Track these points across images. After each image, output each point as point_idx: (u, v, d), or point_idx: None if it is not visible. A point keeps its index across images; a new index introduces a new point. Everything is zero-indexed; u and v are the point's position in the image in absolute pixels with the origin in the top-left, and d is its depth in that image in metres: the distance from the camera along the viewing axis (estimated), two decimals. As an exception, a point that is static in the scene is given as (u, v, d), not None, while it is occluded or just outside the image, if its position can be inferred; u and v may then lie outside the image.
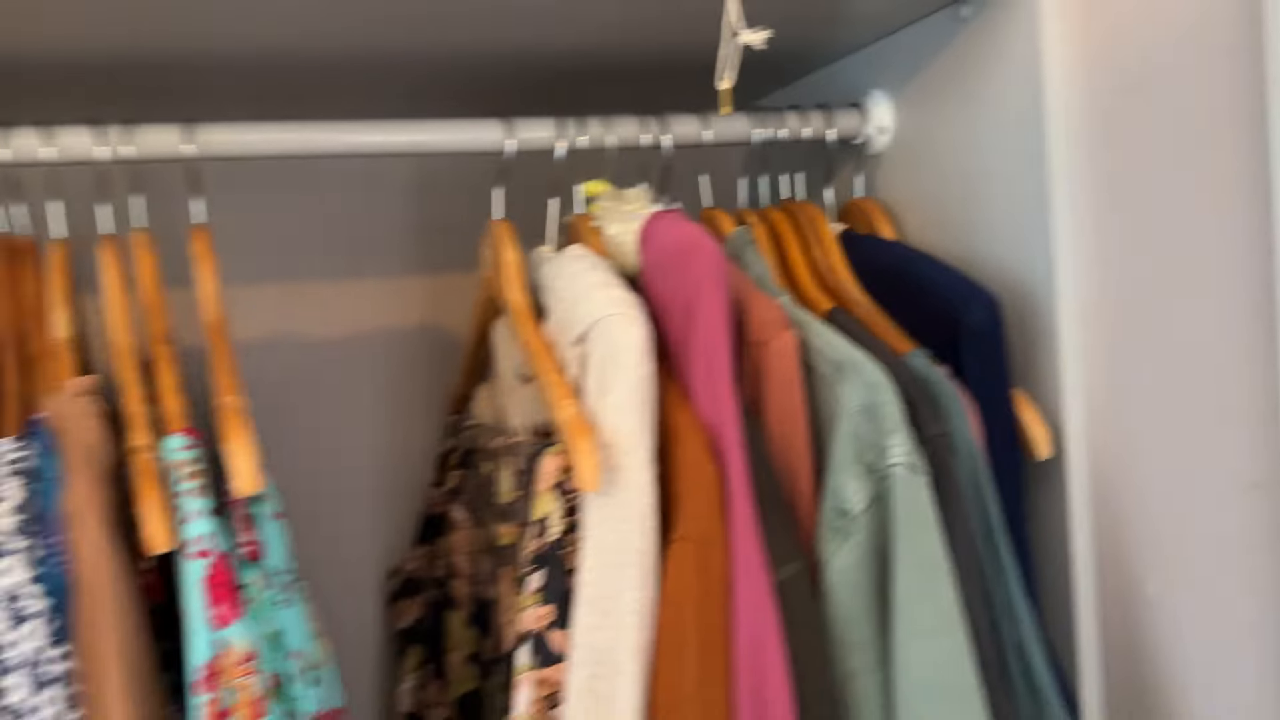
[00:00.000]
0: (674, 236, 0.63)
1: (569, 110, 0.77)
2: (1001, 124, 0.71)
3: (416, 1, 0.62)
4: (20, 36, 0.63)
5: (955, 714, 0.54)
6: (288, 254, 0.95)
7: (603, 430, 0.58)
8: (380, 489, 0.98)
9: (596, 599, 0.56)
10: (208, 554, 0.50)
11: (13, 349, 0.60)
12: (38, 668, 0.47)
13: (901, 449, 0.57)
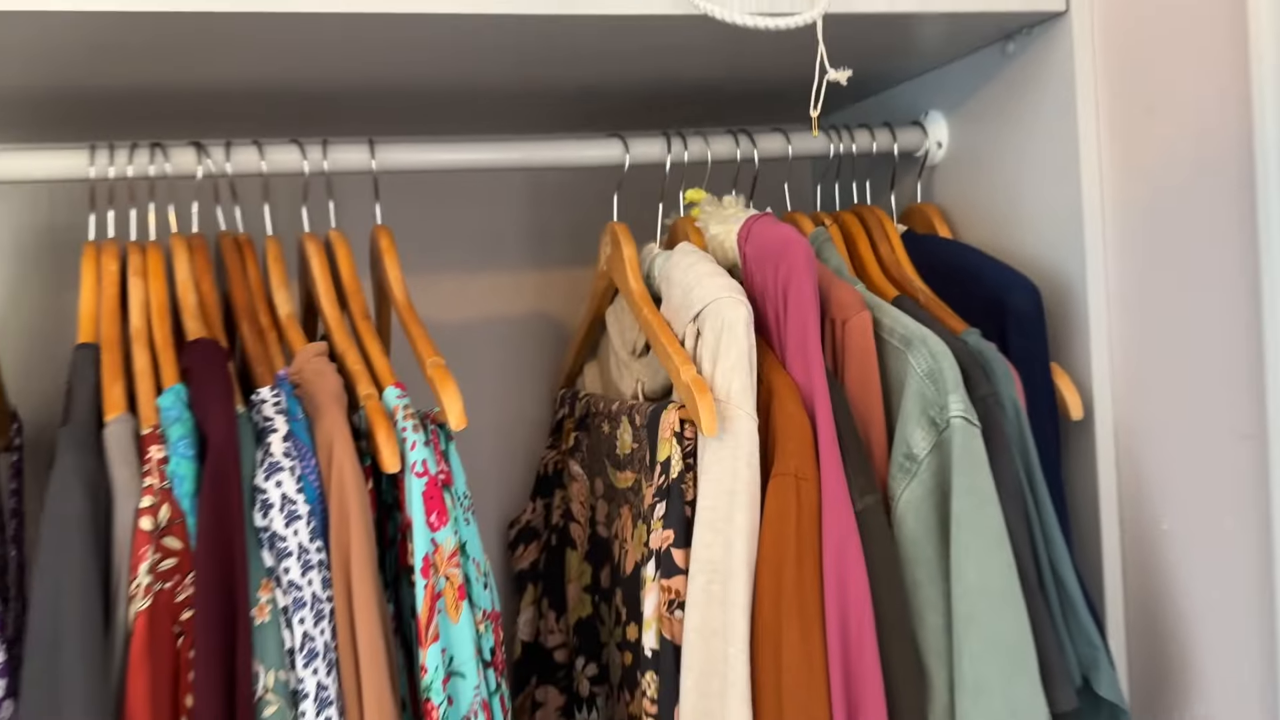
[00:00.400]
0: (772, 235, 0.77)
1: (652, 124, 0.91)
2: (1041, 141, 0.84)
3: (568, 48, 0.77)
4: (227, 74, 0.79)
5: (999, 613, 0.68)
6: (425, 251, 1.10)
7: (716, 389, 0.72)
8: (499, 451, 1.14)
9: (712, 521, 0.71)
10: (424, 474, 0.65)
11: (248, 322, 0.77)
12: (304, 554, 0.63)
13: (959, 405, 0.71)
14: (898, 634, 0.70)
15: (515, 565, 1.07)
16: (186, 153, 0.80)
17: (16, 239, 1.01)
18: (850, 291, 0.78)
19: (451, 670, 0.66)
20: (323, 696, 0.61)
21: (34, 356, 1.00)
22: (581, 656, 0.97)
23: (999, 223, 0.90)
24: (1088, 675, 0.73)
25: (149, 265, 0.77)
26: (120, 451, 0.64)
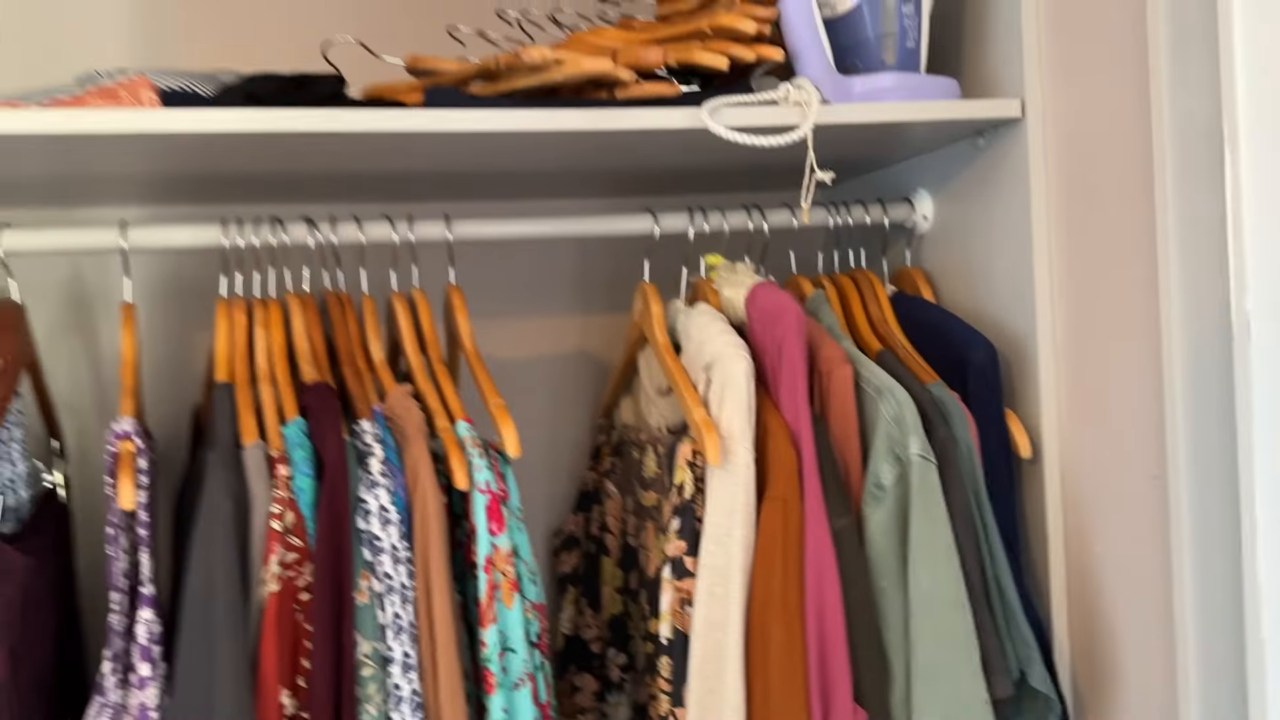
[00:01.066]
0: (771, 302, 0.94)
1: (675, 191, 1.08)
2: (1003, 220, 1.00)
3: (609, 146, 0.95)
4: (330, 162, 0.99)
5: (948, 614, 0.84)
6: (489, 299, 1.29)
7: (721, 428, 0.89)
8: (547, 470, 1.32)
9: (716, 535, 0.88)
10: (486, 492, 0.84)
11: (348, 365, 0.96)
12: (395, 552, 0.81)
13: (918, 445, 0.88)
14: (864, 630, 0.86)
15: (559, 569, 1.25)
16: (299, 226, 1.00)
17: (151, 288, 1.21)
18: (836, 348, 0.95)
19: (505, 647, 0.83)
20: (406, 662, 0.80)
21: (162, 385, 1.21)
22: (613, 648, 1.14)
23: (971, 287, 1.06)
24: (1024, 670, 0.88)
25: (270, 318, 0.96)
26: (256, 470, 0.83)
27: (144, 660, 0.81)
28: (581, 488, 1.24)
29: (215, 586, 0.78)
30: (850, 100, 0.94)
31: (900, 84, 0.94)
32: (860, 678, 0.85)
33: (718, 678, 0.86)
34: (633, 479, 1.10)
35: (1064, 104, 0.93)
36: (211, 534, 0.79)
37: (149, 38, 1.21)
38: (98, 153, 0.89)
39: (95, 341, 1.23)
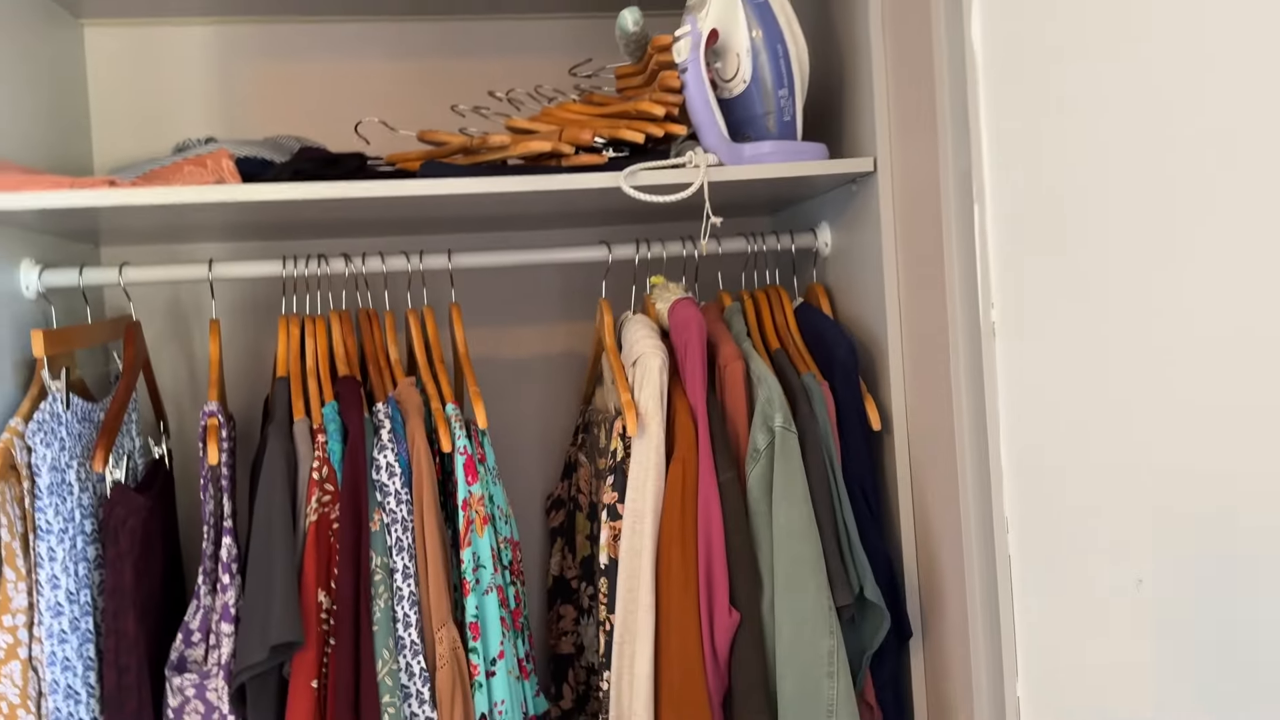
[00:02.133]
0: (682, 315, 1.25)
1: (623, 221, 1.40)
2: (868, 246, 1.30)
3: (564, 199, 1.27)
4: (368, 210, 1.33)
5: (799, 542, 1.14)
6: (490, 311, 1.62)
7: (638, 406, 1.21)
8: (540, 448, 1.65)
9: (635, 486, 1.19)
10: (465, 453, 1.17)
11: (373, 364, 1.30)
12: (398, 495, 1.14)
13: (781, 420, 1.18)
14: (741, 555, 1.17)
15: (550, 524, 1.58)
16: (338, 260, 1.34)
17: (231, 307, 1.58)
18: (733, 348, 1.26)
19: (478, 564, 1.16)
20: (406, 571, 1.13)
21: (239, 380, 1.57)
22: (584, 582, 1.46)
23: (852, 299, 1.36)
24: (862, 585, 1.18)
25: (316, 329, 1.30)
26: (303, 437, 1.17)
27: (226, 573, 1.15)
28: (565, 460, 1.57)
29: (273, 518, 1.12)
30: (741, 162, 1.24)
31: (778, 149, 1.24)
32: (737, 589, 1.16)
33: (635, 590, 1.17)
34: (595, 450, 1.42)
35: (903, 160, 1.22)
36: (271, 482, 1.13)
37: (227, 113, 1.57)
38: (189, 212, 1.24)
39: (189, 348, 1.59)
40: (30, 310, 1.26)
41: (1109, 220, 0.85)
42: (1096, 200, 0.86)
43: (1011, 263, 1.01)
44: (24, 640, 1.10)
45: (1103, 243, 0.86)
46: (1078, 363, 0.90)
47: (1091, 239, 0.87)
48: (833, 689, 1.12)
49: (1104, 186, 0.85)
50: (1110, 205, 0.84)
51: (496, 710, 1.14)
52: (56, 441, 1.14)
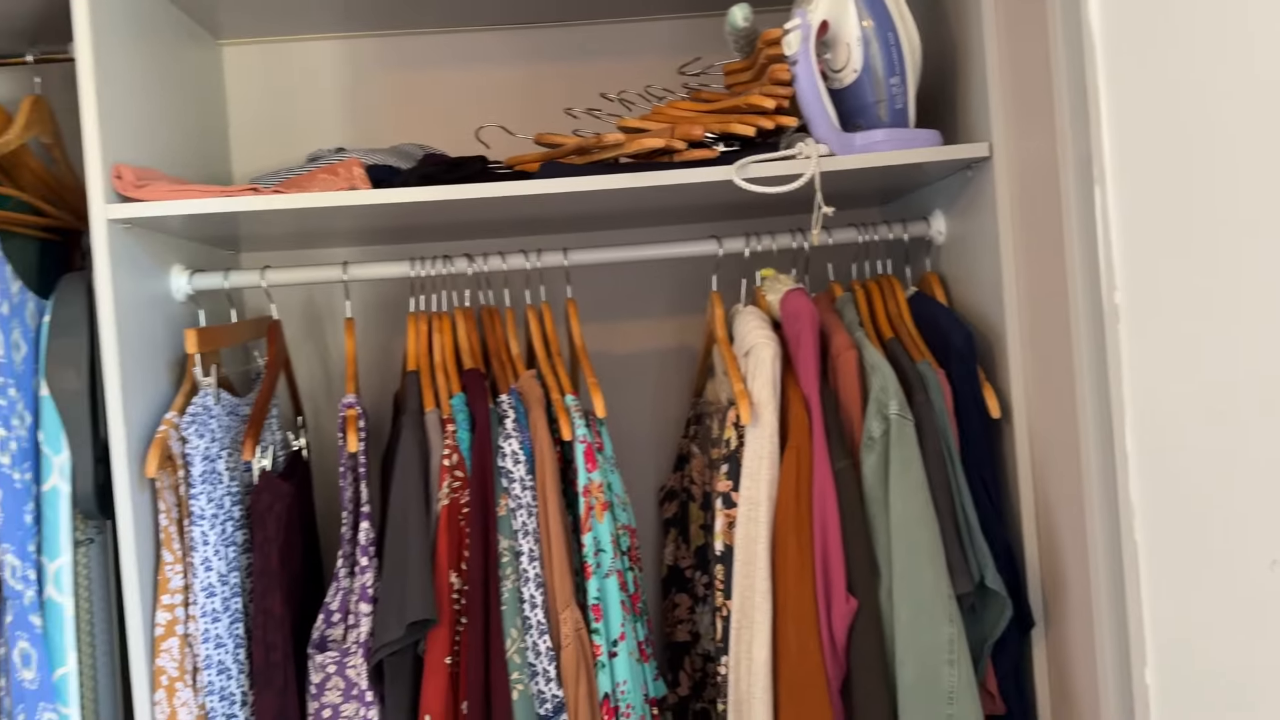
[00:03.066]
0: (794, 305, 1.27)
1: (732, 216, 1.42)
2: (984, 234, 1.29)
3: (672, 194, 1.30)
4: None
5: (917, 530, 1.14)
6: (605, 308, 1.67)
7: (752, 396, 1.22)
8: (654, 439, 1.68)
9: (750, 474, 1.21)
10: (584, 441, 1.21)
11: (495, 358, 1.35)
12: (522, 481, 1.19)
13: (896, 407, 1.18)
14: (857, 542, 1.17)
15: (663, 515, 1.61)
16: (461, 260, 1.40)
17: (363, 307, 1.66)
18: (845, 337, 1.26)
19: (598, 548, 1.20)
20: (531, 554, 1.18)
21: (369, 376, 1.65)
22: (699, 571, 1.49)
23: (967, 286, 1.35)
24: (982, 574, 1.17)
25: (443, 326, 1.37)
26: (433, 427, 1.23)
27: (364, 556, 1.22)
28: (678, 452, 1.59)
29: (408, 503, 1.18)
30: (852, 151, 1.25)
31: (891, 137, 1.25)
32: (854, 576, 1.17)
33: (752, 576, 1.19)
34: (707, 440, 1.44)
35: (1019, 144, 1.21)
36: (406, 469, 1.20)
37: (356, 124, 1.66)
38: (325, 217, 1.31)
39: (323, 348, 1.68)
40: (180, 312, 1.36)
41: (1239, 196, 0.83)
42: (1225, 178, 0.84)
43: (1135, 244, 1.00)
44: (181, 618, 1.19)
45: (1233, 220, 0.84)
46: (1206, 343, 0.88)
47: (1221, 217, 0.85)
48: (953, 676, 1.12)
49: (1232, 163, 0.83)
50: (1240, 182, 0.83)
51: (619, 690, 1.18)
52: (208, 433, 1.23)
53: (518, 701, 1.13)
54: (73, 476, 1.18)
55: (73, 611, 1.17)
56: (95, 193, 1.15)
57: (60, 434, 1.18)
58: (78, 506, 1.19)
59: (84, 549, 1.22)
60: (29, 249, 1.35)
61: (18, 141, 1.27)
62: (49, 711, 1.14)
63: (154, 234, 1.29)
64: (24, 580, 1.14)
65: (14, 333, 1.17)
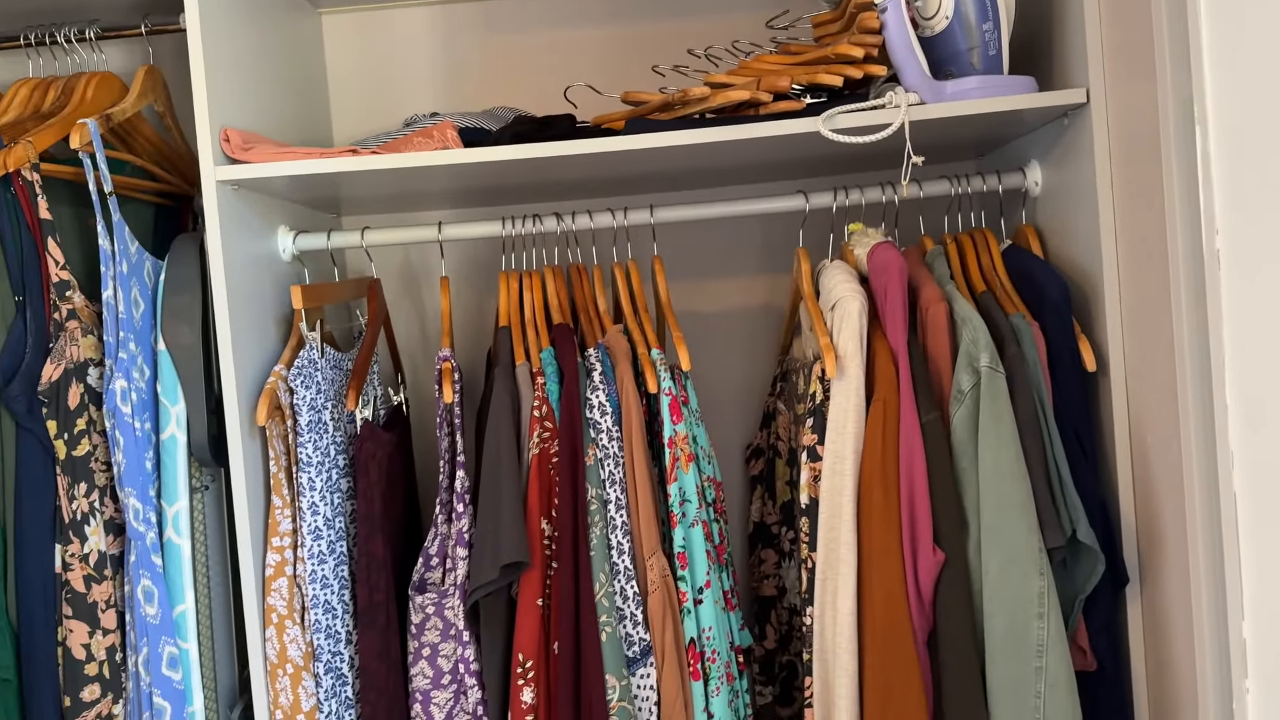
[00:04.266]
0: (881, 258, 1.26)
1: (821, 171, 1.41)
2: (1080, 183, 1.25)
3: (759, 147, 1.30)
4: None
5: (1007, 484, 1.13)
6: (692, 266, 1.68)
7: (838, 349, 1.22)
8: (740, 397, 1.69)
9: (835, 427, 1.21)
10: (670, 394, 1.22)
11: (583, 314, 1.38)
12: (609, 431, 1.22)
13: (987, 360, 1.16)
14: (945, 495, 1.17)
15: (749, 472, 1.62)
16: (550, 219, 1.42)
17: (457, 267, 1.70)
18: (935, 290, 1.25)
19: (684, 499, 1.22)
20: (619, 503, 1.21)
21: (466, 333, 1.70)
22: (785, 526, 1.50)
23: (1064, 238, 1.32)
24: (1074, 527, 1.15)
25: (533, 283, 1.40)
26: (524, 380, 1.27)
27: (460, 503, 1.27)
28: (764, 410, 1.60)
29: (501, 452, 1.22)
30: (943, 99, 1.23)
31: (983, 84, 1.22)
32: (941, 529, 1.16)
33: (837, 529, 1.20)
34: (793, 397, 1.45)
35: (1117, 90, 1.17)
36: (498, 419, 1.23)
37: (449, 89, 1.70)
38: (420, 178, 1.35)
39: (420, 307, 1.74)
40: (287, 271, 1.42)
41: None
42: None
43: (1237, 189, 0.96)
44: (290, 560, 1.26)
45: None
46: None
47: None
48: (1043, 630, 1.11)
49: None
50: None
51: (705, 636, 1.20)
52: (314, 385, 1.28)
53: (606, 643, 1.16)
54: (188, 426, 1.25)
55: (190, 553, 1.25)
56: (205, 155, 1.21)
57: (176, 386, 1.25)
58: (193, 454, 1.26)
59: (199, 495, 1.30)
60: (145, 213, 1.43)
61: (133, 109, 1.34)
62: (170, 645, 1.22)
63: (260, 196, 1.35)
64: (145, 522, 1.22)
65: (133, 290, 1.24)
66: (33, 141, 1.20)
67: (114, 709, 1.21)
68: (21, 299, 1.20)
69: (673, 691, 1.18)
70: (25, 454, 1.19)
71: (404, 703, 1.24)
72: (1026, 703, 1.11)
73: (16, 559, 1.19)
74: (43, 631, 1.18)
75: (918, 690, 1.14)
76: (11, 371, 1.18)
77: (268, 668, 1.23)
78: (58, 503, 1.20)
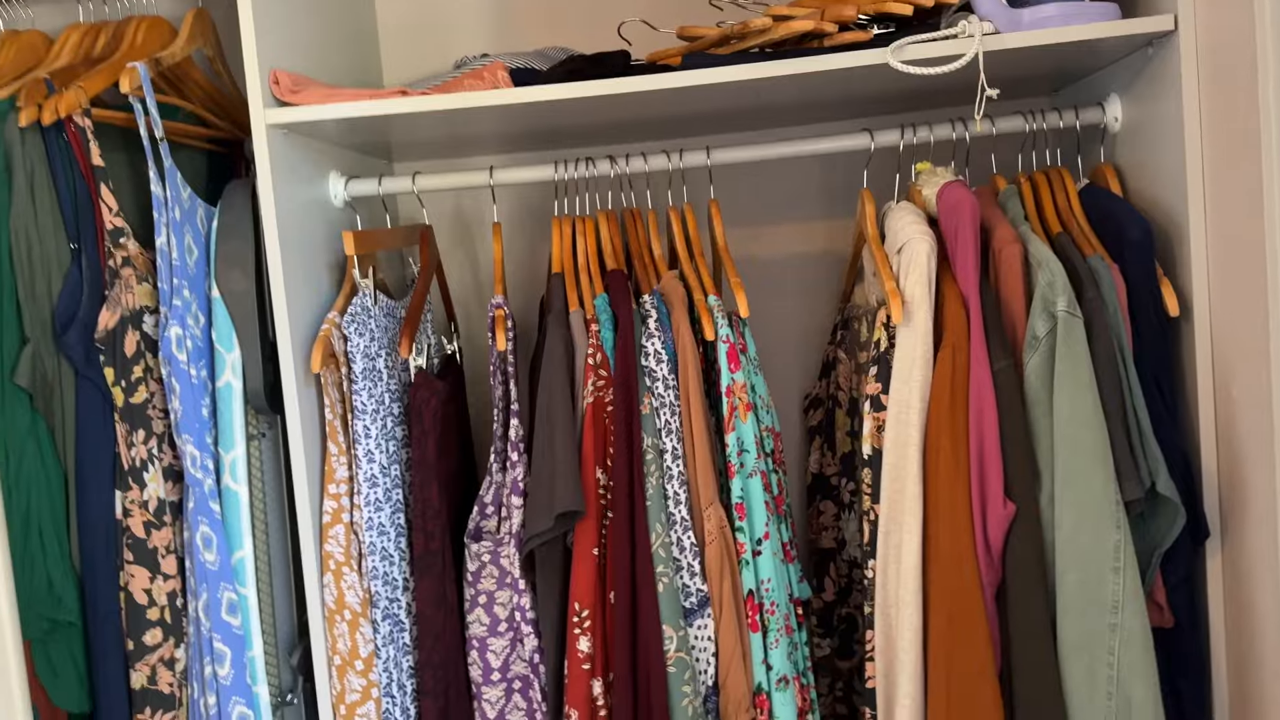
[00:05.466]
0: (952, 197, 1.20)
1: (889, 110, 1.34)
2: (1165, 117, 1.18)
3: (822, 82, 1.24)
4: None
5: (1083, 432, 1.08)
6: (750, 212, 1.63)
7: (904, 294, 1.17)
8: (799, 346, 1.65)
9: (901, 376, 1.17)
10: (727, 341, 1.19)
11: (637, 259, 1.34)
12: (665, 380, 1.19)
13: (1064, 303, 1.10)
14: (1017, 445, 1.12)
15: (808, 423, 1.58)
16: (604, 162, 1.38)
17: (509, 213, 1.67)
18: (1009, 231, 1.19)
19: (742, 449, 1.19)
20: (675, 452, 1.18)
21: (519, 281, 1.67)
22: (845, 478, 1.46)
23: (1145, 176, 1.24)
24: (1154, 479, 1.09)
25: (586, 229, 1.36)
26: (578, 327, 1.24)
27: (514, 451, 1.25)
28: (823, 359, 1.56)
29: (555, 400, 1.20)
30: (1020, 28, 1.16)
31: (1062, 11, 1.15)
32: (1012, 481, 1.11)
33: (901, 480, 1.16)
34: (855, 345, 1.40)
35: (1208, 16, 1.09)
36: (552, 368, 1.21)
37: (500, 29, 1.66)
38: (471, 120, 1.32)
39: (473, 255, 1.71)
40: (338, 217, 1.40)
41: None
42: None
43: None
44: (346, 507, 1.25)
45: None
46: None
47: None
48: (1118, 584, 1.06)
49: None
50: None
51: (763, 587, 1.17)
52: (367, 332, 1.27)
53: (663, 594, 1.14)
54: (244, 373, 1.25)
55: (247, 499, 1.25)
56: (255, 98, 1.19)
57: (231, 333, 1.25)
58: (249, 402, 1.26)
59: (256, 443, 1.30)
60: (197, 159, 1.42)
61: (183, 53, 1.32)
62: (229, 591, 1.23)
63: (311, 141, 1.33)
64: (203, 469, 1.22)
65: (186, 237, 1.23)
66: (84, 87, 1.19)
67: (176, 653, 1.22)
68: (77, 246, 1.20)
69: (730, 643, 1.16)
70: (84, 401, 1.20)
71: (461, 649, 1.24)
72: (1099, 659, 1.07)
73: (78, 505, 1.20)
74: (105, 577, 1.20)
75: (984, 645, 1.10)
76: (68, 319, 1.18)
77: (325, 614, 1.23)
78: (117, 450, 1.20)
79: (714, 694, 1.17)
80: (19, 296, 1.16)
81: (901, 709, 1.13)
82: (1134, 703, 1.06)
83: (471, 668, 1.23)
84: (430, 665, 1.23)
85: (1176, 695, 1.15)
